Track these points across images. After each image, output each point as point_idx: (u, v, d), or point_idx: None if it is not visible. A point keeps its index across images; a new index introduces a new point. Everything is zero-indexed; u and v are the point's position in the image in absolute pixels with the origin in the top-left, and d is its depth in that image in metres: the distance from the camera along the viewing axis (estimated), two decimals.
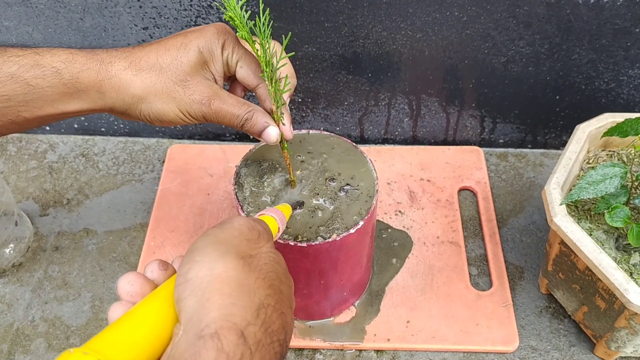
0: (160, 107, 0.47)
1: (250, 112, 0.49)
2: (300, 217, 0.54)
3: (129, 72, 0.47)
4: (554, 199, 0.55)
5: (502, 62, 0.70)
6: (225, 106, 0.48)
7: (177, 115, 0.48)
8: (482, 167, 0.78)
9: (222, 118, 0.49)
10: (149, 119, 0.49)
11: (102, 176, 0.78)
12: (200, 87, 0.48)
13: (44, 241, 0.72)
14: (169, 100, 0.47)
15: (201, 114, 0.48)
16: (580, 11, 0.64)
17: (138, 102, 0.47)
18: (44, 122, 0.48)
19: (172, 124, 0.49)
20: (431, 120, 0.78)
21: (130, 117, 0.49)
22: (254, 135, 0.50)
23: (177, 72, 0.47)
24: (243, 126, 0.49)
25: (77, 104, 0.47)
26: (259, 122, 0.49)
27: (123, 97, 0.47)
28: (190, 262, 0.34)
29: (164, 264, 0.38)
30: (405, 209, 0.73)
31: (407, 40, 0.69)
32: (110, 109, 0.48)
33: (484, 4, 0.64)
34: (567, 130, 0.77)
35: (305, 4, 0.66)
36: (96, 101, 0.47)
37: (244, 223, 0.38)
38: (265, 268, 0.37)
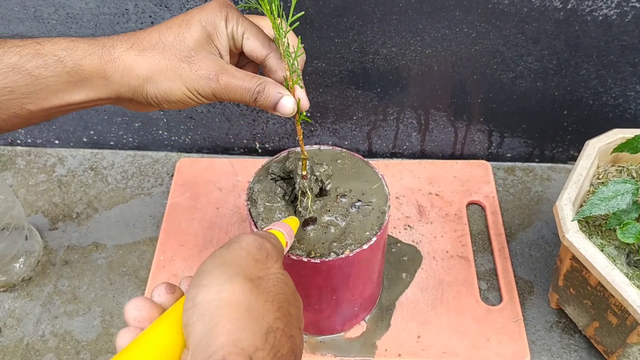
0: (166, 86, 0.45)
1: (262, 84, 0.46)
2: (313, 234, 0.54)
3: (132, 53, 0.45)
4: (565, 214, 0.55)
5: (510, 78, 0.71)
6: (235, 80, 0.46)
7: (184, 93, 0.46)
8: (490, 181, 0.78)
9: (232, 93, 0.46)
10: (157, 101, 0.46)
11: (111, 190, 0.79)
12: (206, 62, 0.45)
13: (53, 255, 0.72)
14: (175, 78, 0.45)
15: (210, 91, 0.46)
16: (588, 28, 0.65)
17: (144, 84, 0.45)
18: (49, 116, 0.46)
19: (181, 104, 0.47)
20: (439, 134, 0.78)
21: (138, 104, 0.47)
22: (268, 109, 0.47)
23: (181, 48, 0.45)
24: (256, 100, 0.46)
25: (82, 93, 0.45)
26: (272, 94, 0.46)
27: (128, 81, 0.45)
28: (198, 286, 0.34)
29: (171, 287, 0.38)
30: (414, 223, 0.74)
31: (417, 55, 0.69)
32: (117, 96, 0.46)
33: (493, 20, 0.65)
34: (574, 145, 0.78)
35: (315, 20, 0.66)
36: (101, 89, 0.45)
37: (252, 242, 0.38)
38: (274, 290, 0.36)
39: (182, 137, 0.81)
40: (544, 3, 0.63)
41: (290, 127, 0.79)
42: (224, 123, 0.79)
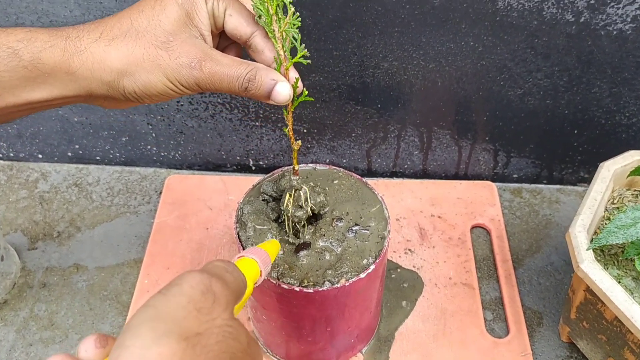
0: (145, 79, 0.40)
1: (252, 71, 0.40)
2: (307, 260, 0.50)
3: (102, 44, 0.39)
4: (579, 243, 0.51)
5: (518, 95, 0.67)
6: (221, 68, 0.40)
7: (165, 85, 0.40)
8: (496, 203, 0.74)
9: (218, 83, 0.40)
10: (136, 96, 0.41)
11: (95, 207, 0.74)
12: (186, 47, 0.40)
13: (31, 277, 0.67)
14: (153, 69, 0.40)
15: (193, 81, 0.40)
16: (602, 43, 0.61)
17: (118, 78, 0.40)
18: (6, 116, 0.41)
19: (164, 97, 0.41)
20: (442, 153, 0.74)
21: (115, 101, 0.42)
22: (261, 99, 0.42)
23: (157, 33, 0.40)
24: (247, 89, 0.41)
25: (44, 90, 0.39)
26: (265, 81, 0.41)
27: (100, 76, 0.39)
28: (120, 347, 0.28)
29: (103, 339, 0.31)
30: (415, 247, 0.69)
31: (419, 70, 0.65)
32: (88, 94, 0.40)
33: (501, 34, 0.61)
34: (585, 166, 0.74)
35: (313, 31, 0.63)
36: (67, 85, 0.40)
37: (196, 285, 0.31)
38: (217, 348, 0.30)
39: (172, 153, 0.77)
40: (556, 16, 0.59)
41: (285, 143, 0.75)
42: (216, 138, 0.75)
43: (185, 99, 0.70)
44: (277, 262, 0.50)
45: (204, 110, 0.72)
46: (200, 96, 0.70)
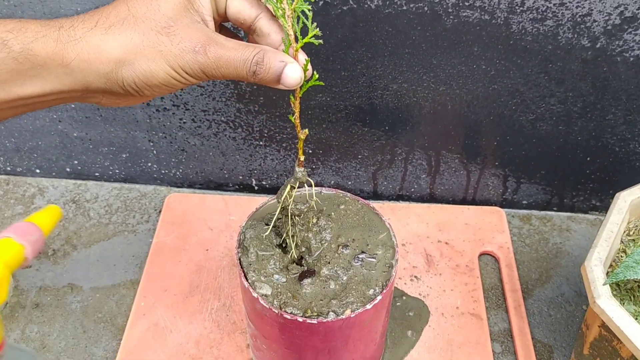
0: (145, 68, 0.37)
1: (260, 53, 0.38)
2: (310, 289, 0.48)
3: (98, 33, 0.36)
4: (596, 277, 0.49)
5: (530, 120, 0.65)
6: (227, 51, 0.37)
7: (168, 74, 0.37)
8: (505, 230, 0.72)
9: (224, 67, 0.38)
10: (136, 88, 0.38)
11: (92, 225, 0.72)
12: (189, 32, 0.37)
13: (24, 297, 0.65)
14: (155, 56, 0.37)
15: (198, 67, 0.37)
16: (618, 69, 0.59)
17: (117, 68, 0.37)
18: (1, 114, 0.38)
19: (166, 88, 0.39)
20: (450, 177, 0.72)
21: (113, 96, 0.39)
22: (270, 83, 0.39)
23: (157, 19, 0.37)
24: (255, 73, 0.38)
25: (36, 84, 0.36)
26: (274, 63, 0.38)
27: (97, 67, 0.36)
28: None
29: None
30: (422, 274, 0.67)
31: (429, 92, 0.64)
32: (84, 88, 0.38)
33: (514, 58, 0.60)
34: (597, 194, 0.72)
35: (321, 50, 0.61)
36: (62, 79, 0.37)
37: None
38: None
39: (173, 171, 0.75)
40: (571, 41, 0.58)
41: (289, 164, 0.73)
42: (218, 157, 0.73)
43: (189, 116, 0.69)
44: (279, 289, 0.48)
45: (207, 128, 0.70)
46: (204, 114, 0.68)
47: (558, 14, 0.56)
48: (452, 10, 0.57)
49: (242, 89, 0.66)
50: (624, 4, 0.55)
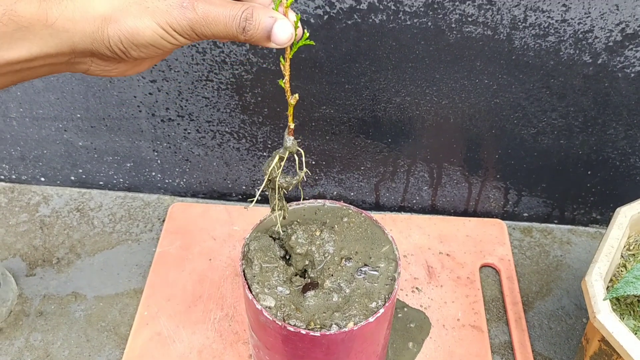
0: (132, 25, 0.36)
1: (249, 9, 0.37)
2: (314, 301, 0.48)
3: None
4: (596, 292, 0.50)
5: (531, 134, 0.66)
6: (215, 7, 0.36)
7: (154, 32, 0.36)
8: (505, 242, 0.72)
9: (213, 24, 0.37)
10: (123, 47, 0.37)
11: (96, 234, 0.73)
12: None
13: (28, 305, 0.65)
14: (141, 13, 0.36)
15: (186, 23, 0.36)
16: (619, 85, 0.60)
17: (103, 26, 0.36)
18: None
19: (154, 50, 0.37)
20: (452, 189, 0.73)
21: (101, 59, 0.38)
22: (260, 41, 0.38)
23: None
24: (244, 30, 0.37)
25: (22, 47, 0.35)
26: (264, 19, 0.37)
27: (82, 27, 0.36)
28: None
29: None
30: (423, 286, 0.68)
31: (432, 106, 0.64)
32: (70, 50, 0.37)
33: (517, 73, 0.60)
34: (597, 207, 0.72)
35: (325, 64, 0.62)
36: (47, 40, 0.36)
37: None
38: None
39: (177, 180, 0.76)
40: (573, 57, 0.58)
41: (292, 174, 0.73)
42: (222, 167, 0.74)
43: (193, 127, 0.69)
44: (283, 301, 0.48)
45: (211, 138, 0.71)
46: (209, 124, 0.69)
47: (560, 30, 0.57)
48: (455, 25, 0.57)
49: (246, 101, 0.66)
50: (625, 21, 0.55)
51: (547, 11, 0.55)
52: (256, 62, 0.62)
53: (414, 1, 0.56)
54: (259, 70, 0.63)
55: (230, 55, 0.62)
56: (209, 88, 0.65)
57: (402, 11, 0.57)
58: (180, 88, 0.66)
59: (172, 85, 0.66)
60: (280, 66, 0.41)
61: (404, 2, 0.56)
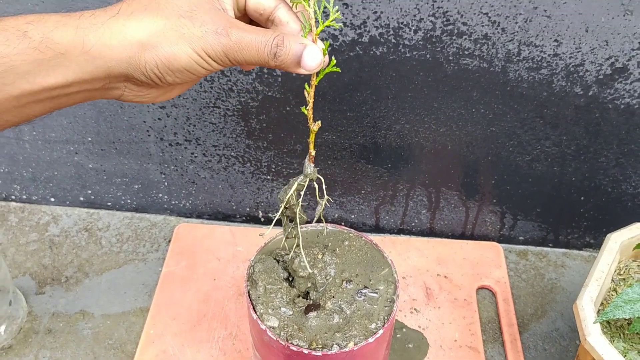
0: (168, 51, 0.37)
1: (280, 36, 0.39)
2: (316, 321, 0.50)
3: (120, 19, 0.37)
4: (587, 315, 0.52)
5: (526, 161, 0.68)
6: (248, 34, 0.38)
7: (190, 57, 0.37)
8: (502, 265, 0.74)
9: (246, 50, 0.38)
10: (159, 72, 0.38)
11: (104, 253, 0.75)
12: (211, 15, 0.38)
13: (37, 322, 0.67)
14: (178, 39, 0.37)
15: (221, 48, 0.38)
16: (609, 115, 0.63)
17: (140, 52, 0.37)
18: (23, 108, 0.37)
19: (188, 75, 0.39)
20: (450, 213, 0.75)
21: (136, 85, 0.39)
22: (291, 67, 0.39)
23: (179, 4, 0.38)
24: (275, 55, 0.38)
25: (59, 73, 0.36)
26: (294, 45, 0.39)
27: (119, 52, 0.37)
28: None
29: None
30: (421, 307, 0.70)
31: (430, 133, 0.67)
32: (106, 75, 0.37)
33: (511, 103, 0.63)
34: (591, 232, 0.74)
35: (328, 92, 0.64)
36: (83, 66, 0.36)
37: None
38: None
39: (183, 202, 0.78)
40: (565, 89, 0.61)
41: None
42: (227, 190, 0.76)
43: (200, 151, 0.72)
44: (286, 322, 0.50)
45: (217, 162, 0.73)
46: (215, 149, 0.72)
47: (552, 64, 0.59)
48: (452, 58, 0.60)
49: (251, 126, 0.69)
50: (614, 55, 0.58)
51: (540, 46, 0.58)
52: (262, 90, 0.65)
53: (413, 35, 0.59)
54: (265, 98, 0.66)
55: (237, 84, 0.65)
56: (216, 114, 0.68)
57: (401, 44, 0.60)
58: (188, 114, 0.68)
59: (180, 111, 0.68)
60: (305, 93, 0.42)
61: (404, 36, 0.59)
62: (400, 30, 0.58)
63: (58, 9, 0.60)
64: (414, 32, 0.59)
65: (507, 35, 0.58)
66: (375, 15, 0.58)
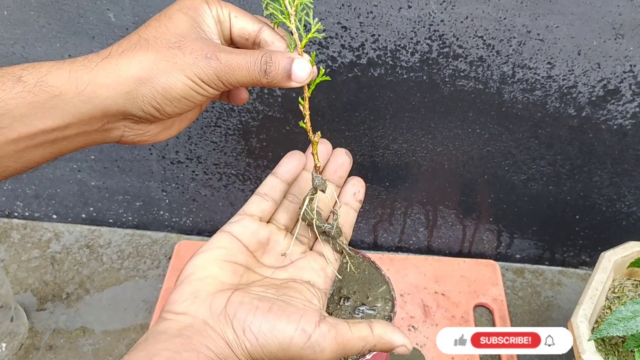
0: (163, 82, 0.38)
1: (267, 54, 0.39)
2: None
3: (112, 59, 0.38)
4: (581, 333, 0.52)
5: (522, 180, 0.69)
6: (236, 55, 0.39)
7: (185, 84, 0.38)
8: (499, 282, 0.75)
9: (237, 71, 0.39)
10: (157, 105, 0.39)
11: (105, 270, 0.76)
12: (199, 43, 0.39)
13: (38, 339, 0.68)
14: (170, 69, 0.38)
15: (212, 72, 0.38)
16: (602, 136, 0.64)
17: (136, 87, 0.38)
18: (22, 152, 0.37)
19: (186, 103, 0.39)
20: (447, 231, 0.76)
21: (135, 122, 0.40)
22: (282, 82, 0.40)
23: (167, 37, 0.39)
24: (266, 72, 0.39)
25: (55, 115, 0.37)
26: (283, 59, 0.40)
27: (115, 89, 0.37)
28: None
29: None
30: (419, 325, 0.70)
31: (427, 153, 0.68)
32: (102, 114, 0.38)
33: (507, 123, 0.64)
34: (586, 250, 0.75)
35: (327, 112, 0.66)
36: (79, 107, 0.37)
37: None
38: None
39: (183, 219, 0.79)
40: (558, 110, 0.62)
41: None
42: (227, 207, 0.77)
43: (201, 169, 0.73)
44: None
45: (217, 180, 0.74)
46: (215, 167, 0.73)
47: (546, 86, 0.61)
48: (448, 79, 0.61)
49: (252, 145, 0.70)
50: (606, 77, 0.60)
51: (534, 68, 0.59)
52: (262, 109, 0.66)
53: (410, 57, 0.60)
54: (265, 118, 0.67)
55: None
56: (217, 133, 0.69)
57: (399, 66, 0.61)
58: (190, 133, 0.70)
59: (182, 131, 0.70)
60: (300, 107, 0.43)
61: (401, 58, 0.60)
62: (398, 52, 0.60)
63: (63, 31, 0.62)
64: (410, 55, 0.60)
65: (501, 57, 0.59)
66: (373, 38, 0.59)
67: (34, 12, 0.61)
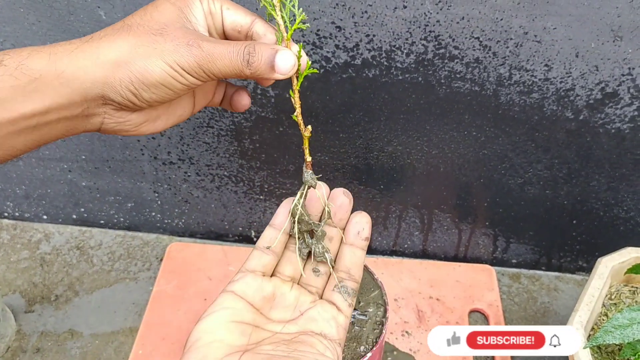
0: (141, 66, 0.37)
1: (251, 45, 0.39)
2: None
3: (93, 43, 0.37)
4: None
5: (518, 184, 0.68)
6: (219, 45, 0.38)
7: (163, 70, 0.37)
8: (494, 288, 0.74)
9: (219, 61, 0.38)
10: (134, 89, 0.38)
11: (95, 272, 0.75)
12: (182, 31, 0.38)
13: (25, 341, 0.67)
14: (150, 53, 0.37)
15: (194, 60, 0.37)
16: (600, 140, 0.63)
17: (114, 71, 0.37)
18: (7, 140, 0.37)
19: (164, 90, 0.38)
20: (442, 235, 0.75)
21: (115, 109, 0.39)
22: (265, 73, 0.39)
23: (151, 25, 0.38)
24: (249, 63, 0.38)
25: (36, 99, 0.36)
26: (266, 50, 0.39)
27: (94, 72, 0.37)
28: None
29: None
30: (413, 330, 0.69)
31: (423, 155, 0.67)
32: (82, 98, 0.37)
33: (503, 126, 0.63)
34: (583, 255, 0.74)
35: (321, 114, 0.65)
36: (59, 90, 0.37)
37: None
38: None
39: (175, 221, 0.78)
40: (556, 113, 0.61)
41: None
42: (219, 209, 0.76)
43: (193, 170, 0.72)
44: None
45: (210, 181, 0.73)
46: (208, 168, 0.72)
47: (543, 88, 0.60)
48: (444, 81, 0.60)
49: (245, 146, 0.69)
50: (604, 80, 0.59)
51: (531, 70, 0.58)
52: (255, 110, 0.65)
53: (405, 58, 0.59)
54: (258, 119, 0.66)
55: None
56: (209, 134, 0.68)
57: (394, 67, 0.60)
58: (182, 133, 0.69)
59: (174, 130, 0.69)
60: (291, 100, 0.42)
61: (396, 59, 0.59)
62: (393, 53, 0.59)
63: (53, 28, 0.61)
64: (406, 55, 0.59)
65: (498, 59, 0.58)
66: (368, 39, 0.58)
67: (24, 9, 0.60)
